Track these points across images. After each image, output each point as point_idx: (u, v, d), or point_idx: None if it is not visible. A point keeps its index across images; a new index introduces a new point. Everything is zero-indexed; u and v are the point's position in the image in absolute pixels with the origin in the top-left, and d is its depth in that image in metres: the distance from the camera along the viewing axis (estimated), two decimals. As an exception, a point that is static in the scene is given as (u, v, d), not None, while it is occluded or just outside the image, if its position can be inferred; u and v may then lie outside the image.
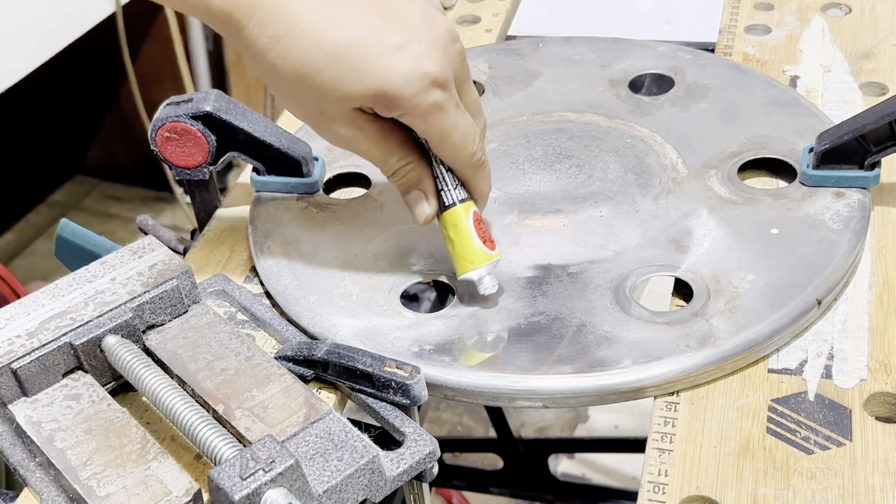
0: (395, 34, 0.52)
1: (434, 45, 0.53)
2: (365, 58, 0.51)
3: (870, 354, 0.55)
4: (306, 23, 0.51)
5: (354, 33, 0.51)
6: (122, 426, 0.51)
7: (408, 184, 0.58)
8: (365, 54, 0.51)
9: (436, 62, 0.52)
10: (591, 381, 0.54)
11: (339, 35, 0.51)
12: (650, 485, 0.50)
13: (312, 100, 0.54)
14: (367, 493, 0.49)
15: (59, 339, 0.53)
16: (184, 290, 0.57)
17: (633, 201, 0.66)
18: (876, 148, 0.62)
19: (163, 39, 1.90)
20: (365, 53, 0.51)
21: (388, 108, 0.53)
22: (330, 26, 0.51)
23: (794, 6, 0.86)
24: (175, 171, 0.67)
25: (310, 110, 0.55)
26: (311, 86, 0.53)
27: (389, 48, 0.51)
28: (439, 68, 0.52)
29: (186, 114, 0.64)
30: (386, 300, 0.60)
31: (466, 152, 0.56)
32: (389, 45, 0.51)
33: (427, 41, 0.52)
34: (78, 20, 1.58)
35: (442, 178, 0.57)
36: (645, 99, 0.76)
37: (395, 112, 0.53)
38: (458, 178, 0.58)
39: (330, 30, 0.51)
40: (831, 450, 0.50)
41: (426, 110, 0.53)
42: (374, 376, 0.52)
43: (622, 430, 1.64)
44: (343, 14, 0.52)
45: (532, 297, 0.59)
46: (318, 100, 0.53)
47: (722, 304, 0.56)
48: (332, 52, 0.51)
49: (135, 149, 2.15)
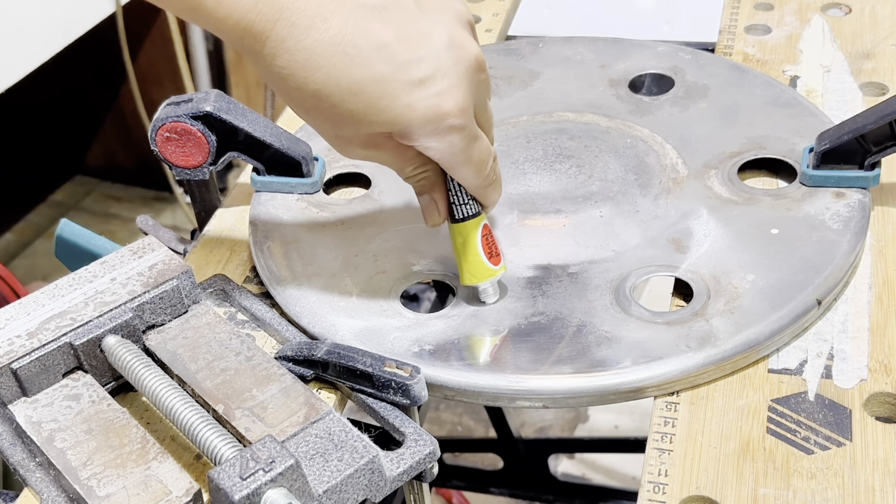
0: (417, 67, 0.49)
1: (458, 79, 0.50)
2: (383, 95, 0.49)
3: (870, 354, 0.55)
4: (322, 58, 0.48)
5: (373, 69, 0.48)
6: (122, 426, 0.51)
7: (421, 188, 0.58)
8: (383, 91, 0.49)
9: (457, 100, 0.50)
10: (591, 381, 0.54)
11: (357, 70, 0.48)
12: (650, 485, 0.50)
13: (328, 125, 0.52)
14: (367, 493, 0.49)
15: (59, 339, 0.53)
16: (184, 290, 0.57)
17: (633, 201, 0.66)
18: (876, 148, 0.62)
19: (163, 39, 1.90)
20: (383, 90, 0.49)
21: (403, 139, 0.52)
22: (348, 59, 0.48)
23: (794, 6, 0.86)
24: (175, 171, 0.67)
25: (326, 132, 0.54)
26: (327, 115, 0.51)
27: (409, 85, 0.49)
28: (460, 106, 0.50)
29: (186, 114, 0.64)
30: (386, 300, 0.60)
31: (479, 178, 0.55)
32: (410, 80, 0.49)
33: (450, 75, 0.50)
34: (78, 20, 1.58)
35: (454, 192, 0.57)
36: (645, 99, 0.76)
37: (410, 143, 0.52)
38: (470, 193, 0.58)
39: (347, 64, 0.48)
40: (831, 450, 0.50)
41: (441, 146, 0.52)
42: (374, 376, 0.52)
43: (622, 430, 1.64)
44: (361, 44, 0.48)
45: (532, 297, 0.59)
46: (334, 126, 0.52)
47: (722, 304, 0.56)
48: (350, 87, 0.49)
49: (135, 149, 2.15)
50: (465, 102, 0.51)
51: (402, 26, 0.49)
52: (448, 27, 0.50)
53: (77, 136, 2.22)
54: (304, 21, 0.47)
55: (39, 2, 1.48)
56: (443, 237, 0.62)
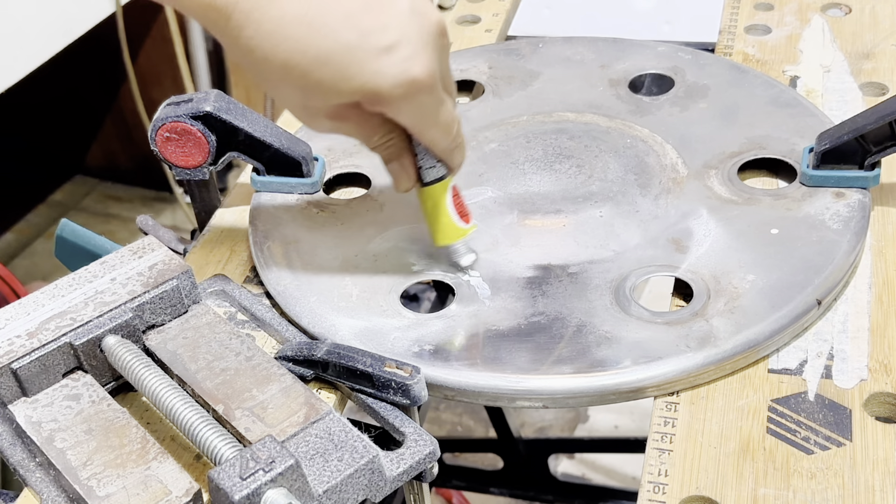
0: (383, 34, 0.50)
1: (423, 44, 0.51)
2: (351, 62, 0.50)
3: (870, 354, 0.55)
4: (289, 27, 0.49)
5: (340, 37, 0.49)
6: (122, 426, 0.51)
7: (389, 156, 0.59)
8: (351, 59, 0.50)
9: (424, 64, 0.51)
10: (591, 381, 0.54)
11: (324, 40, 0.49)
12: (650, 485, 0.50)
13: (296, 96, 0.53)
14: (367, 493, 0.49)
15: (59, 339, 0.53)
16: (184, 290, 0.57)
17: (633, 201, 0.66)
18: (876, 148, 0.62)
19: (163, 39, 1.90)
20: (351, 58, 0.50)
21: (372, 106, 0.53)
22: (314, 30, 0.49)
23: (794, 6, 0.86)
24: (175, 171, 0.67)
25: (293, 104, 0.55)
26: (296, 85, 0.52)
27: (377, 51, 0.50)
28: (427, 70, 0.51)
29: (186, 114, 0.64)
30: (386, 300, 0.60)
31: (445, 140, 0.56)
32: (377, 47, 0.50)
33: (416, 41, 0.51)
34: (78, 20, 1.58)
35: (421, 157, 0.58)
36: (645, 99, 0.76)
37: (380, 109, 0.53)
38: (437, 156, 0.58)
39: (314, 34, 0.49)
40: (831, 450, 0.50)
41: (411, 110, 0.53)
42: (374, 376, 0.52)
43: (622, 430, 1.64)
44: (327, 13, 0.49)
45: (532, 297, 0.59)
46: (303, 97, 0.53)
47: (722, 305, 0.56)
48: (318, 57, 0.50)
49: (135, 149, 2.15)
50: (432, 66, 0.52)
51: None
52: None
53: (77, 136, 2.22)
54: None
55: (39, 2, 1.48)
56: None
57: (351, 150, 0.74)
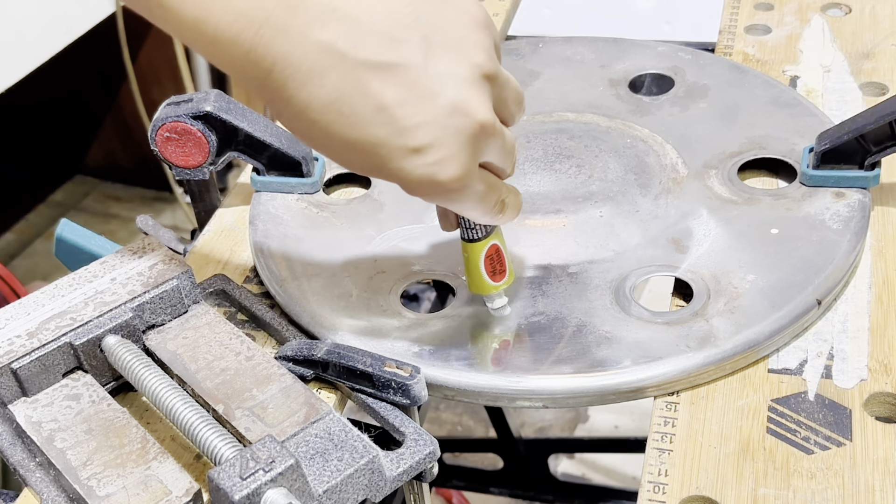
0: (415, 133, 0.46)
1: (458, 148, 0.47)
2: (377, 157, 0.47)
3: (870, 354, 0.55)
4: (316, 113, 0.46)
5: (369, 132, 0.46)
6: (122, 426, 0.51)
7: None
8: (378, 154, 0.47)
9: (454, 169, 0.47)
10: (591, 381, 0.54)
11: (351, 132, 0.46)
12: (650, 485, 0.50)
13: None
14: (367, 493, 0.49)
15: (59, 339, 0.53)
16: (184, 290, 0.57)
17: (633, 201, 0.66)
18: (876, 148, 0.62)
19: (163, 39, 1.90)
20: (378, 153, 0.47)
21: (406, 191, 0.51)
22: (342, 120, 0.46)
23: (794, 6, 0.86)
24: (175, 171, 0.67)
25: None
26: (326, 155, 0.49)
27: (405, 151, 0.46)
28: (456, 175, 0.48)
29: (186, 114, 0.64)
30: (386, 300, 0.60)
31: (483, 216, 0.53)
32: (406, 147, 0.46)
33: (450, 144, 0.47)
34: (78, 20, 1.59)
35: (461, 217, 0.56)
36: (645, 99, 0.76)
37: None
38: None
39: (342, 125, 0.46)
40: (831, 450, 0.50)
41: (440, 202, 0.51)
42: (374, 376, 0.52)
43: (622, 430, 1.64)
44: (358, 105, 0.45)
45: (532, 297, 0.59)
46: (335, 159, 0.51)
47: (722, 304, 0.56)
48: (344, 146, 0.47)
49: (135, 149, 2.15)
50: (462, 170, 0.48)
51: (403, 86, 0.46)
52: (456, 86, 0.46)
53: (77, 136, 2.22)
54: (299, 76, 0.45)
55: (39, 2, 1.48)
56: (443, 237, 0.62)
57: (351, 150, 0.74)
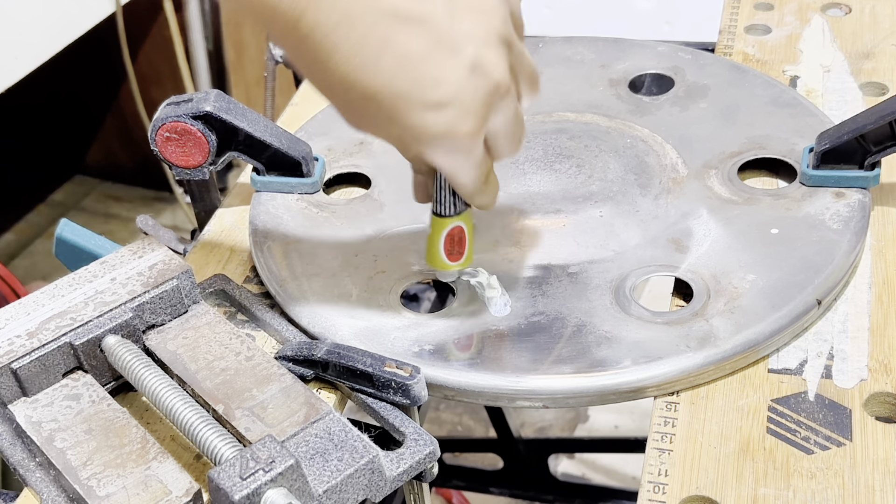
0: (436, 89, 0.47)
1: (475, 107, 0.49)
2: (397, 109, 0.48)
3: (870, 354, 0.55)
4: (343, 58, 0.47)
5: (390, 82, 0.47)
6: (122, 426, 0.51)
7: (418, 170, 0.58)
8: (397, 106, 0.48)
9: (469, 127, 0.49)
10: (591, 381, 0.54)
11: (373, 80, 0.47)
12: (650, 485, 0.50)
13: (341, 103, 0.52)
14: (367, 493, 0.49)
15: (59, 339, 0.53)
16: (184, 290, 0.57)
17: (633, 201, 0.66)
18: (876, 148, 0.62)
19: (163, 39, 1.90)
20: (397, 105, 0.48)
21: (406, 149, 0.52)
22: (366, 68, 0.47)
23: (794, 6, 0.86)
24: (175, 171, 0.67)
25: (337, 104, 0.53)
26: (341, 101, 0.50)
27: (424, 105, 0.48)
28: (471, 133, 0.50)
29: (186, 114, 0.64)
30: (386, 300, 0.60)
31: (471, 189, 0.55)
32: (425, 101, 0.48)
33: (468, 103, 0.48)
34: (78, 20, 1.58)
35: (438, 189, 0.57)
36: (645, 99, 0.76)
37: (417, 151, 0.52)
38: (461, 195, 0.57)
39: (365, 72, 0.47)
40: (831, 450, 0.50)
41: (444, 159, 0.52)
42: (374, 376, 0.52)
43: (622, 430, 1.64)
44: (383, 54, 0.47)
45: (532, 297, 0.59)
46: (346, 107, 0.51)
47: (722, 304, 0.56)
48: (364, 93, 0.48)
49: (135, 149, 2.15)
50: (476, 129, 0.50)
51: (429, 40, 0.47)
52: (477, 45, 0.48)
53: (77, 136, 2.22)
54: (330, 22, 0.46)
55: (39, 2, 1.48)
56: None
57: (351, 150, 0.74)
